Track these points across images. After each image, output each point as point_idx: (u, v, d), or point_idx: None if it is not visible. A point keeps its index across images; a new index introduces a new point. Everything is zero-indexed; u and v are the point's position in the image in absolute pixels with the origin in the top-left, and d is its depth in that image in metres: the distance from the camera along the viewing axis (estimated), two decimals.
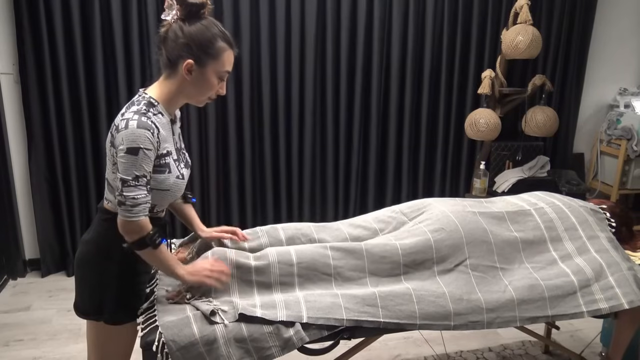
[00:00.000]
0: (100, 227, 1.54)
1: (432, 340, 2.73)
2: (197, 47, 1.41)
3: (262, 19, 3.36)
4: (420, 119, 3.85)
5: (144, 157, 1.37)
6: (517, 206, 2.03)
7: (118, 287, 1.53)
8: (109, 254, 1.51)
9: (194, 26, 1.42)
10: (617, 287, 1.81)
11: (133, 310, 1.57)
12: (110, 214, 1.50)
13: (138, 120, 1.36)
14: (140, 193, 1.38)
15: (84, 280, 1.55)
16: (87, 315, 1.57)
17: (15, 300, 3.07)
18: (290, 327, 1.52)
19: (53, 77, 3.11)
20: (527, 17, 3.37)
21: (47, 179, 3.24)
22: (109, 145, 1.44)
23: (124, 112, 1.41)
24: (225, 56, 1.46)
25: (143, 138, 1.36)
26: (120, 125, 1.37)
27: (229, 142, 3.50)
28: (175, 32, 1.42)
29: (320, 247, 1.73)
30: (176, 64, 1.43)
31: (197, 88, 1.47)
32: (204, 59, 1.43)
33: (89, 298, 1.55)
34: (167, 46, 1.43)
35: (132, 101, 1.45)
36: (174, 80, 1.46)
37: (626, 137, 3.87)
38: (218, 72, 1.47)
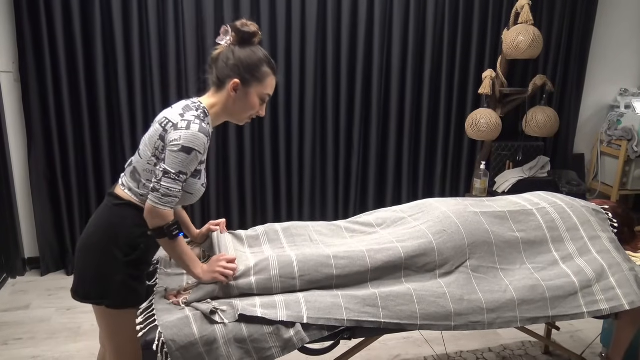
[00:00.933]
0: (108, 213, 1.59)
1: (432, 340, 2.72)
2: (245, 69, 1.57)
3: (263, 18, 3.35)
4: (421, 118, 3.85)
5: (193, 159, 1.50)
6: (520, 206, 2.03)
7: (124, 272, 1.57)
8: (117, 240, 1.56)
9: (244, 51, 1.58)
10: (618, 288, 1.81)
11: (138, 296, 1.61)
12: (122, 200, 1.58)
13: (200, 125, 1.50)
14: (176, 187, 1.49)
15: (88, 265, 1.58)
16: (87, 300, 1.59)
17: (15, 299, 3.07)
18: (290, 327, 1.52)
19: (53, 75, 3.11)
20: (528, 17, 3.37)
21: (47, 177, 3.24)
22: (156, 139, 1.53)
23: (182, 114, 1.52)
24: (269, 80, 1.62)
25: (200, 143, 1.49)
26: (181, 125, 1.49)
27: (229, 142, 3.49)
28: (227, 55, 1.58)
29: (323, 256, 1.69)
30: (224, 83, 1.59)
31: (239, 106, 1.62)
32: (249, 80, 1.58)
33: (92, 282, 1.57)
34: (218, 66, 1.60)
35: (188, 105, 1.57)
36: (220, 97, 1.61)
37: (626, 137, 3.87)
38: (260, 94, 1.62)
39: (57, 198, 3.28)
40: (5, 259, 3.29)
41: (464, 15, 3.71)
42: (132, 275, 1.59)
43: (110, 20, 3.11)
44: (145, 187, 1.56)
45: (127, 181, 1.60)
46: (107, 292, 1.56)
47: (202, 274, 1.59)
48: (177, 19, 3.21)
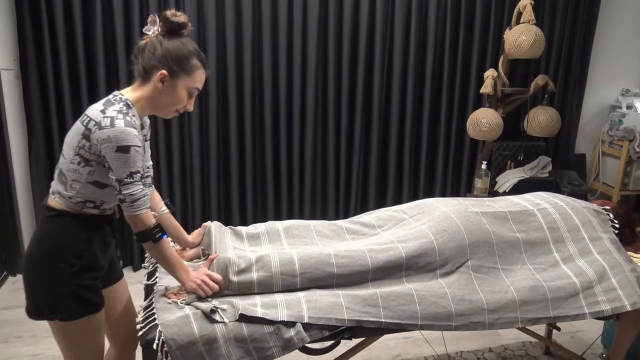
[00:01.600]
0: (46, 226, 1.52)
1: (432, 340, 2.72)
2: (173, 60, 1.50)
3: (264, 17, 3.34)
4: (422, 118, 3.84)
5: (135, 154, 1.43)
6: (520, 206, 2.03)
7: (72, 284, 1.50)
8: (57, 253, 1.49)
9: (172, 42, 1.52)
10: (619, 289, 1.80)
11: (89, 304, 1.54)
12: (56, 211, 1.51)
13: (124, 119, 1.42)
14: (137, 188, 1.45)
15: (34, 282, 1.51)
16: (40, 317, 1.52)
17: (15, 297, 3.06)
18: (291, 327, 1.51)
19: (54, 73, 3.11)
20: (531, 17, 3.36)
21: (47, 175, 3.23)
22: (80, 137, 1.46)
23: (103, 110, 1.44)
24: (198, 74, 1.56)
25: (132, 136, 1.42)
26: (104, 123, 1.41)
27: (230, 141, 3.49)
28: (154, 44, 1.51)
29: (324, 254, 1.70)
30: (150, 74, 1.52)
31: (166, 98, 1.55)
32: (177, 72, 1.52)
33: (42, 299, 1.50)
34: (144, 56, 1.52)
35: (109, 100, 1.50)
36: (145, 89, 1.54)
37: (628, 138, 3.86)
38: (188, 87, 1.55)
39: None
40: (6, 257, 3.29)
41: (466, 15, 3.70)
42: (82, 285, 1.51)
43: (111, 17, 3.10)
44: (72, 187, 1.49)
45: (55, 186, 1.53)
46: (58, 307, 1.49)
47: (186, 280, 1.56)
48: None
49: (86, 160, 1.47)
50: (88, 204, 1.52)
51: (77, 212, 1.51)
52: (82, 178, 1.49)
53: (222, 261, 1.61)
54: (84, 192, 1.50)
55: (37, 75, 3.09)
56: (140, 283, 1.83)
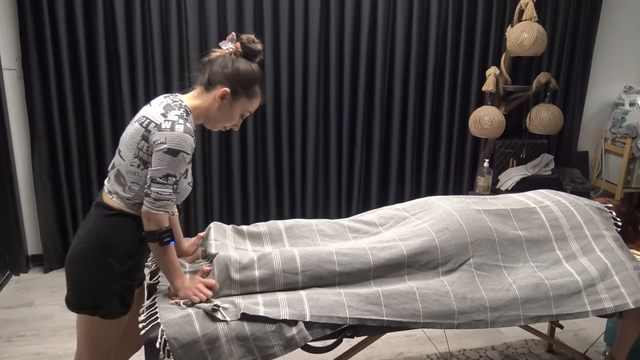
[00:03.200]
0: (101, 224, 1.55)
1: (435, 338, 2.72)
2: (239, 81, 1.57)
3: (266, 16, 3.34)
4: (424, 116, 3.84)
5: (181, 161, 1.47)
6: (523, 204, 2.02)
7: (119, 283, 1.55)
8: (112, 251, 1.53)
9: (244, 64, 1.59)
10: (622, 287, 1.80)
11: (127, 305, 1.61)
12: (114, 210, 1.54)
13: (184, 125, 1.47)
14: (166, 190, 1.48)
15: (81, 276, 1.55)
16: (81, 310, 1.57)
17: (18, 296, 3.07)
18: (293, 325, 1.52)
19: (56, 72, 3.11)
20: (533, 14, 3.35)
21: (50, 174, 3.24)
22: (139, 139, 1.49)
23: (165, 113, 1.49)
24: (256, 100, 1.64)
25: (187, 143, 1.47)
26: (164, 125, 1.46)
27: (231, 139, 3.49)
28: (226, 61, 1.58)
29: (325, 252, 1.70)
30: (214, 87, 1.58)
31: (220, 114, 1.61)
32: (239, 93, 1.58)
33: (86, 294, 1.55)
34: (212, 69, 1.58)
35: (169, 104, 1.53)
36: (204, 99, 1.59)
37: (631, 135, 3.85)
38: (243, 110, 1.63)
39: (60, 195, 3.28)
40: (9, 256, 3.29)
41: (468, 12, 3.69)
42: (126, 285, 1.58)
43: (112, 17, 3.10)
44: (131, 190, 1.53)
45: (112, 186, 1.57)
46: (101, 303, 1.54)
47: (180, 288, 1.57)
48: (180, 17, 3.20)
49: (145, 163, 1.51)
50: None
51: (134, 212, 1.55)
52: (140, 180, 1.52)
53: (222, 260, 1.61)
54: (142, 194, 1.53)
55: (39, 75, 3.09)
56: None
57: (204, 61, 1.62)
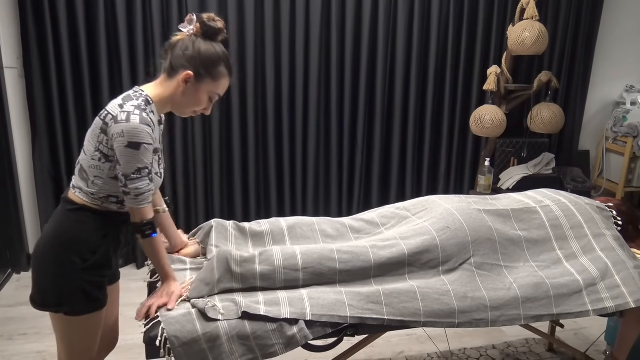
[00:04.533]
0: (64, 219, 1.53)
1: (435, 337, 2.72)
2: (201, 63, 1.52)
3: (267, 15, 3.34)
4: (425, 115, 3.83)
5: (144, 151, 1.45)
6: (523, 204, 2.02)
7: (82, 279, 1.52)
8: (74, 247, 1.50)
9: (205, 45, 1.53)
10: (623, 286, 1.80)
11: (96, 301, 1.56)
12: (76, 205, 1.53)
13: (140, 115, 1.44)
14: (143, 183, 1.47)
15: (45, 273, 1.53)
16: (46, 308, 1.54)
17: (19, 294, 3.08)
18: (294, 324, 1.52)
19: (57, 71, 3.11)
20: (534, 13, 3.35)
21: (51, 173, 3.24)
22: (98, 132, 1.48)
23: (122, 104, 1.46)
24: (223, 81, 1.58)
25: (145, 134, 1.43)
26: (120, 117, 1.43)
27: (232, 138, 3.49)
28: (186, 44, 1.53)
29: (327, 250, 1.70)
30: (176, 72, 1.53)
31: (186, 99, 1.56)
32: (203, 75, 1.53)
33: (50, 291, 1.52)
34: (174, 53, 1.53)
35: (129, 95, 1.51)
36: (169, 86, 1.55)
37: (632, 134, 3.85)
38: (210, 92, 1.58)
39: (61, 194, 3.21)
40: (10, 255, 3.30)
41: (469, 11, 3.69)
42: (91, 281, 1.53)
43: (114, 16, 3.10)
44: (94, 184, 1.51)
45: (76, 182, 1.55)
46: (65, 300, 1.51)
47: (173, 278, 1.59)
48: (181, 15, 3.20)
49: (106, 156, 1.49)
50: (110, 199, 1.54)
51: (98, 207, 1.54)
52: (103, 174, 1.50)
53: (222, 255, 1.62)
54: (106, 188, 1.52)
55: (41, 73, 3.10)
56: (143, 281, 1.84)
57: (165, 46, 1.57)
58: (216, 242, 1.84)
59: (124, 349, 2.47)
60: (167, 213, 1.82)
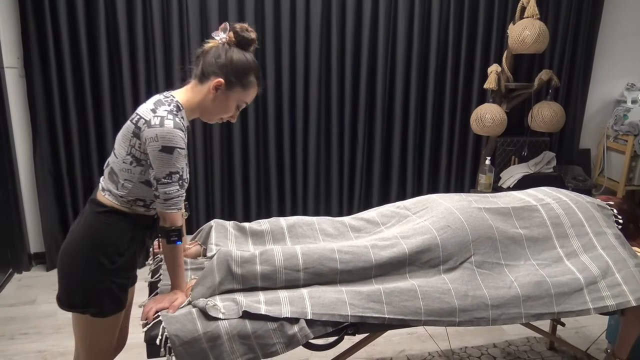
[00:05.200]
0: (94, 221, 1.54)
1: (436, 336, 2.72)
2: (233, 71, 1.54)
3: (267, 14, 3.34)
4: (426, 114, 3.83)
5: (178, 156, 1.46)
6: (524, 202, 2.02)
7: (110, 281, 1.53)
8: (103, 249, 1.51)
9: (238, 54, 1.55)
10: (624, 284, 1.80)
11: (120, 302, 1.58)
12: (106, 207, 1.53)
13: (174, 120, 1.46)
14: (173, 188, 1.48)
15: (73, 274, 1.54)
16: (72, 308, 1.55)
17: (20, 294, 3.08)
18: (294, 323, 1.52)
19: (58, 70, 3.11)
20: (534, 12, 3.34)
21: (52, 172, 3.24)
22: (130, 136, 1.49)
23: (154, 109, 1.47)
24: (252, 90, 1.61)
25: (178, 139, 1.45)
26: (154, 122, 1.44)
27: (233, 137, 3.49)
28: (219, 51, 1.55)
29: (327, 250, 1.70)
30: (207, 78, 1.55)
31: (215, 106, 1.59)
32: (234, 83, 1.56)
33: (78, 291, 1.53)
34: (206, 60, 1.55)
35: (160, 100, 1.52)
36: (199, 92, 1.57)
37: (633, 133, 3.84)
38: (239, 101, 1.61)
39: (62, 193, 3.29)
40: (11, 254, 3.30)
41: (470, 10, 3.69)
42: (117, 283, 1.55)
43: (114, 15, 3.10)
44: (124, 187, 1.52)
45: (106, 184, 1.56)
46: (92, 301, 1.52)
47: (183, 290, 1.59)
48: (181, 14, 3.20)
49: (137, 160, 1.49)
50: (138, 202, 1.55)
51: (127, 210, 1.54)
52: (134, 178, 1.51)
53: (223, 255, 1.62)
54: (135, 192, 1.53)
55: (41, 73, 3.09)
56: (144, 281, 1.84)
57: (197, 53, 1.59)
58: (216, 240, 1.84)
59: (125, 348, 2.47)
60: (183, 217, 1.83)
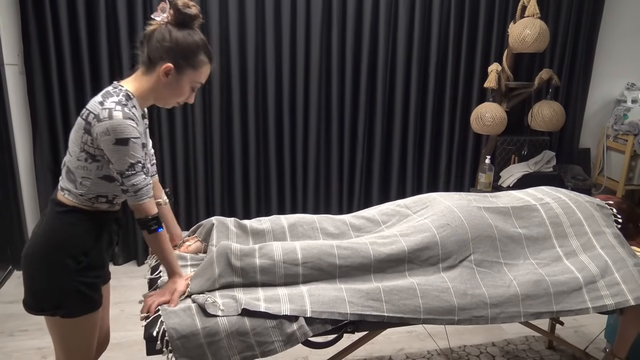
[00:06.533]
0: (54, 221, 1.51)
1: (435, 334, 2.73)
2: (180, 54, 1.47)
3: (268, 13, 3.34)
4: (426, 112, 3.83)
5: (134, 146, 1.42)
6: (523, 201, 2.02)
7: (77, 281, 1.49)
8: (67, 250, 1.48)
9: (182, 33, 1.48)
10: (623, 284, 1.80)
11: (91, 301, 1.55)
12: (67, 207, 1.50)
13: (122, 111, 1.40)
14: (139, 178, 1.45)
15: (38, 276, 1.50)
16: (41, 312, 1.52)
17: (20, 291, 3.04)
18: (293, 321, 1.52)
19: (58, 68, 3.11)
20: (535, 11, 3.34)
21: (52, 170, 3.25)
22: (82, 133, 1.45)
23: (102, 102, 1.43)
24: (204, 69, 1.53)
25: (130, 129, 1.41)
26: (102, 115, 1.40)
27: (233, 135, 3.49)
28: (162, 34, 1.47)
29: (326, 245, 1.71)
30: (155, 64, 1.49)
31: (169, 91, 1.53)
32: (183, 66, 1.49)
33: (45, 294, 1.50)
34: (150, 45, 1.49)
35: (108, 91, 1.47)
36: (149, 79, 1.52)
37: (633, 132, 3.84)
38: (192, 82, 1.54)
39: None
40: (11, 251, 3.31)
41: (470, 9, 3.69)
42: (86, 283, 1.51)
43: (114, 12, 3.10)
44: (82, 185, 1.48)
45: (64, 184, 1.52)
46: (61, 303, 1.49)
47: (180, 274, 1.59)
48: None
49: (92, 156, 1.46)
50: (100, 199, 1.52)
51: (88, 208, 1.51)
52: (91, 174, 1.48)
53: (222, 249, 1.62)
54: (94, 189, 1.50)
55: (41, 70, 3.09)
56: (144, 277, 1.84)
57: (140, 37, 1.52)
58: (217, 241, 1.84)
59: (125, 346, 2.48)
60: (167, 205, 1.81)
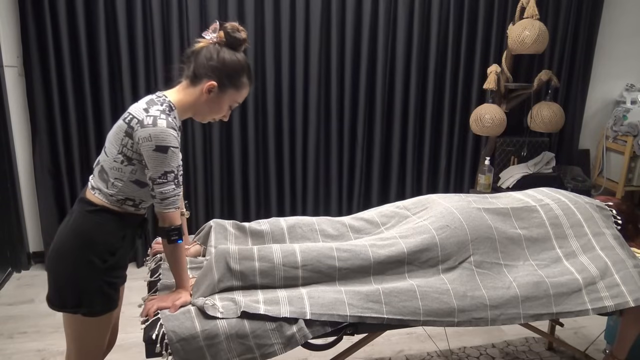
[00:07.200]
0: (83, 220, 1.53)
1: (435, 336, 2.72)
2: (225, 73, 1.54)
3: (267, 12, 3.33)
4: (425, 114, 3.83)
5: (172, 155, 1.46)
6: (523, 202, 2.02)
7: (101, 280, 1.52)
8: (94, 248, 1.51)
9: (229, 54, 1.55)
10: (622, 285, 1.80)
11: (111, 301, 1.57)
12: (96, 206, 1.53)
13: (166, 120, 1.46)
14: (169, 188, 1.48)
15: (63, 273, 1.53)
16: (64, 309, 1.54)
17: (20, 293, 3.08)
18: (293, 324, 1.52)
19: (57, 69, 3.10)
20: (534, 12, 3.34)
21: (51, 172, 3.24)
22: (122, 135, 1.49)
23: (147, 108, 1.47)
24: (244, 90, 1.62)
25: (172, 138, 1.45)
26: (147, 121, 1.44)
27: (232, 136, 3.48)
28: (210, 52, 1.54)
29: (326, 248, 1.71)
30: (200, 80, 1.55)
31: (209, 107, 1.59)
32: (226, 85, 1.56)
33: (69, 291, 1.52)
34: (197, 61, 1.54)
35: (152, 100, 1.52)
36: (192, 93, 1.57)
37: (632, 133, 3.84)
38: (232, 101, 1.62)
39: (61, 192, 3.28)
40: (10, 253, 3.30)
41: (469, 10, 3.69)
42: (108, 282, 1.54)
43: (114, 14, 3.10)
44: (114, 186, 1.51)
45: (96, 183, 1.55)
46: (84, 301, 1.51)
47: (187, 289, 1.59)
48: (181, 14, 3.20)
49: (129, 159, 1.49)
50: (128, 201, 1.55)
51: (117, 209, 1.54)
52: (124, 177, 1.51)
53: (220, 254, 1.62)
54: (125, 191, 1.52)
55: (41, 72, 3.09)
56: (143, 280, 1.84)
57: (188, 53, 1.58)
58: (215, 242, 1.84)
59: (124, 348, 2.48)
60: (184, 217, 1.82)
